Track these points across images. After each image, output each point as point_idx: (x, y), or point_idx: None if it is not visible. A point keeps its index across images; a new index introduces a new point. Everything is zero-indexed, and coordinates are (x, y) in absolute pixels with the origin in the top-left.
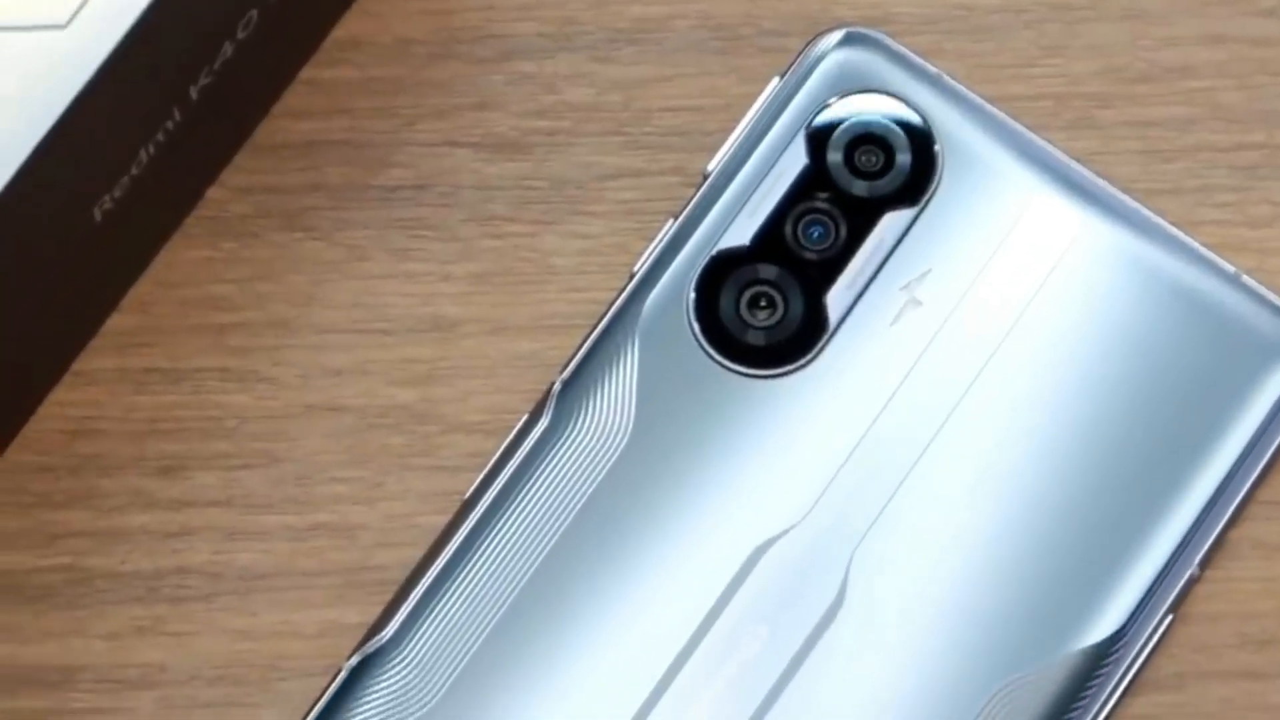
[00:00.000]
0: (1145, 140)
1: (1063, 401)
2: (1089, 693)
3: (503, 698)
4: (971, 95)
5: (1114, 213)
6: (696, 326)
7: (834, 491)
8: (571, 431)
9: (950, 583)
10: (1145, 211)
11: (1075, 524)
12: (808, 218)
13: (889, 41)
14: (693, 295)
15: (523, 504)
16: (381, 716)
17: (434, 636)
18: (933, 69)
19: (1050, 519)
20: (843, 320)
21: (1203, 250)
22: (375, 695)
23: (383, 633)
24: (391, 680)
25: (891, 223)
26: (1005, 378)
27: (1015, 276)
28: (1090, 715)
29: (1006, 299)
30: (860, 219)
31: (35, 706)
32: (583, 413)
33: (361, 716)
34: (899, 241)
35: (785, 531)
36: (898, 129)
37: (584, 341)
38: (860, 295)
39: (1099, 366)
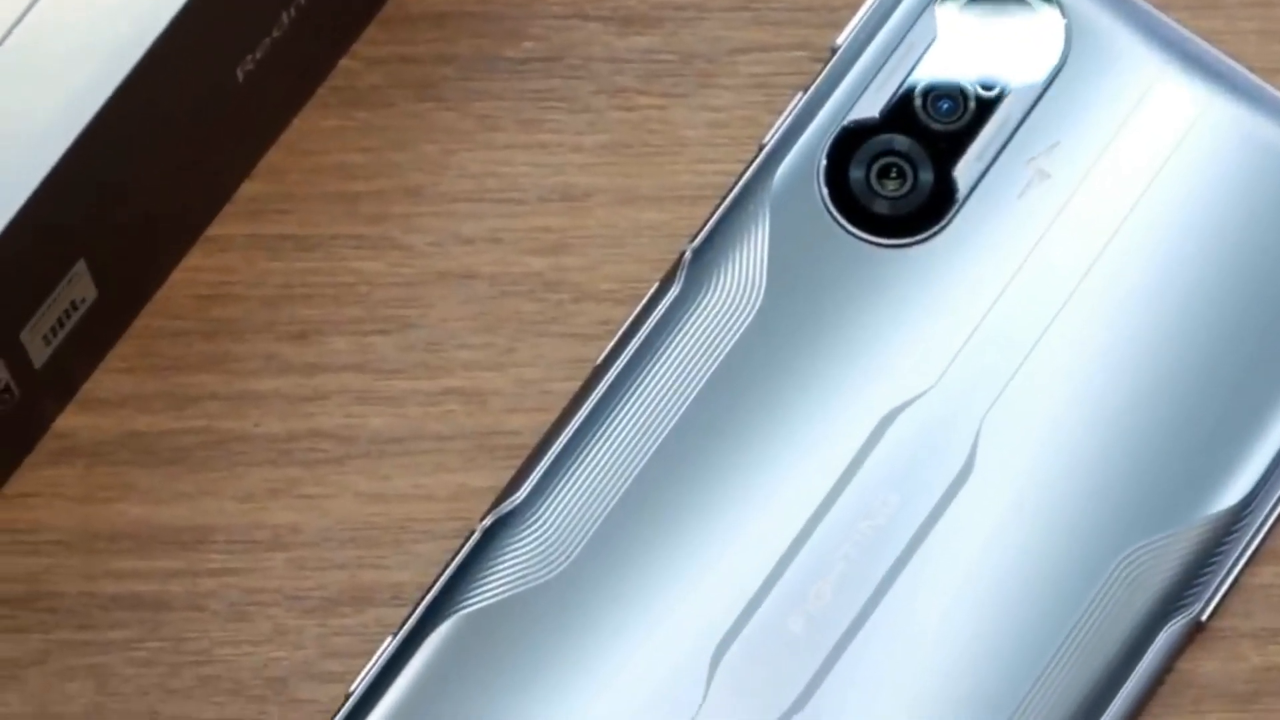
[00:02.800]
0: (1267, 20)
1: (1188, 274)
2: (1214, 561)
3: (635, 561)
4: None
5: (1238, 91)
6: (826, 196)
7: (963, 359)
8: (703, 299)
9: (1077, 450)
10: (1269, 90)
11: (1201, 393)
12: (936, 90)
13: None
14: (823, 164)
15: (654, 370)
16: (514, 577)
17: (566, 500)
18: None
19: (1176, 388)
20: (971, 191)
21: None
22: (508, 556)
23: (515, 495)
24: (524, 542)
25: (1019, 97)
26: (1131, 250)
27: (1140, 152)
28: (1215, 582)
29: (1132, 174)
30: (988, 92)
31: (169, 567)
32: (714, 281)
33: (494, 577)
34: (1026, 115)
35: (915, 398)
36: (1026, 2)
37: (714, 211)
38: (988, 167)
39: (1222, 239)
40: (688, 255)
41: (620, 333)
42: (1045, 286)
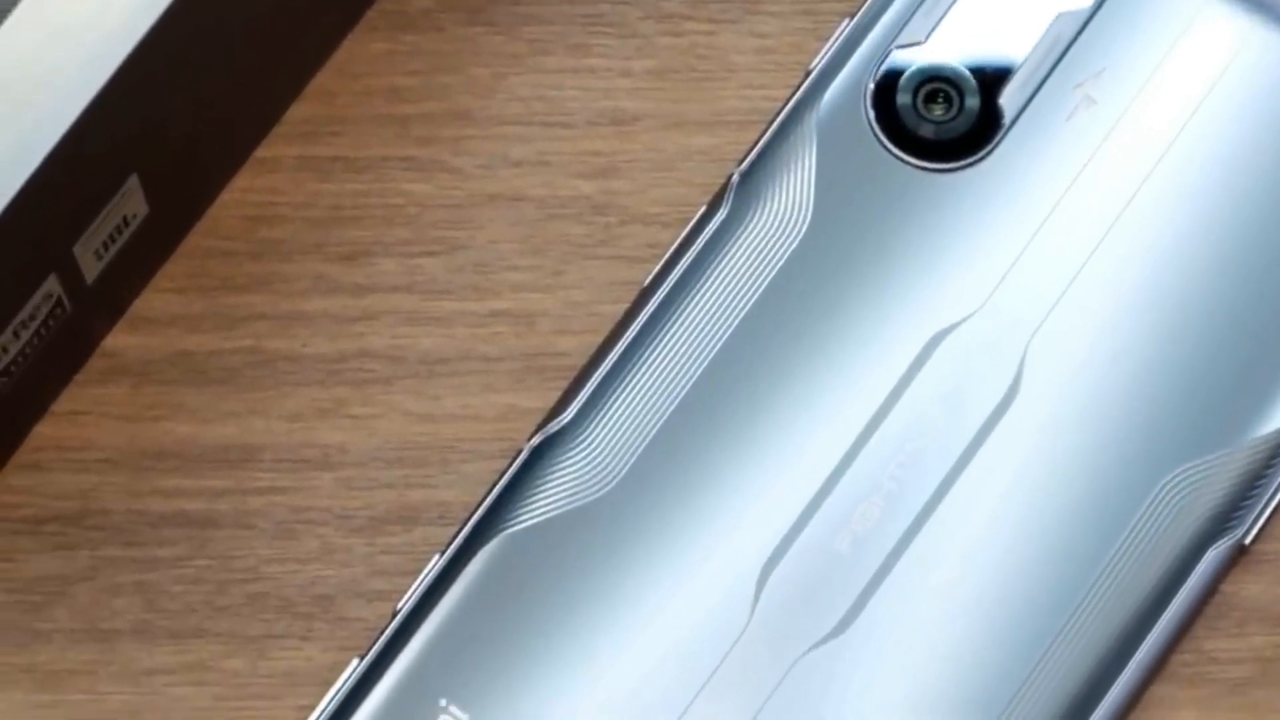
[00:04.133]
0: None
1: (1234, 198)
2: (1260, 484)
3: (681, 481)
4: None
5: None
6: (874, 121)
7: (1009, 283)
8: (750, 222)
9: (1124, 373)
10: None
11: (1248, 316)
12: (983, 15)
13: None
14: (870, 90)
15: (701, 292)
16: (561, 496)
17: (613, 420)
18: None
19: (1222, 311)
20: (1018, 116)
21: None
22: (555, 475)
23: (563, 415)
24: (571, 461)
25: (1066, 22)
26: (1177, 174)
27: (1186, 79)
28: (1259, 505)
29: (1177, 101)
30: (1035, 17)
31: (217, 485)
32: (761, 204)
33: (541, 496)
34: (1073, 41)
35: (962, 321)
36: None
37: (762, 135)
38: (1035, 93)
39: (1267, 164)
40: (735, 179)
41: (667, 255)
42: (1091, 211)
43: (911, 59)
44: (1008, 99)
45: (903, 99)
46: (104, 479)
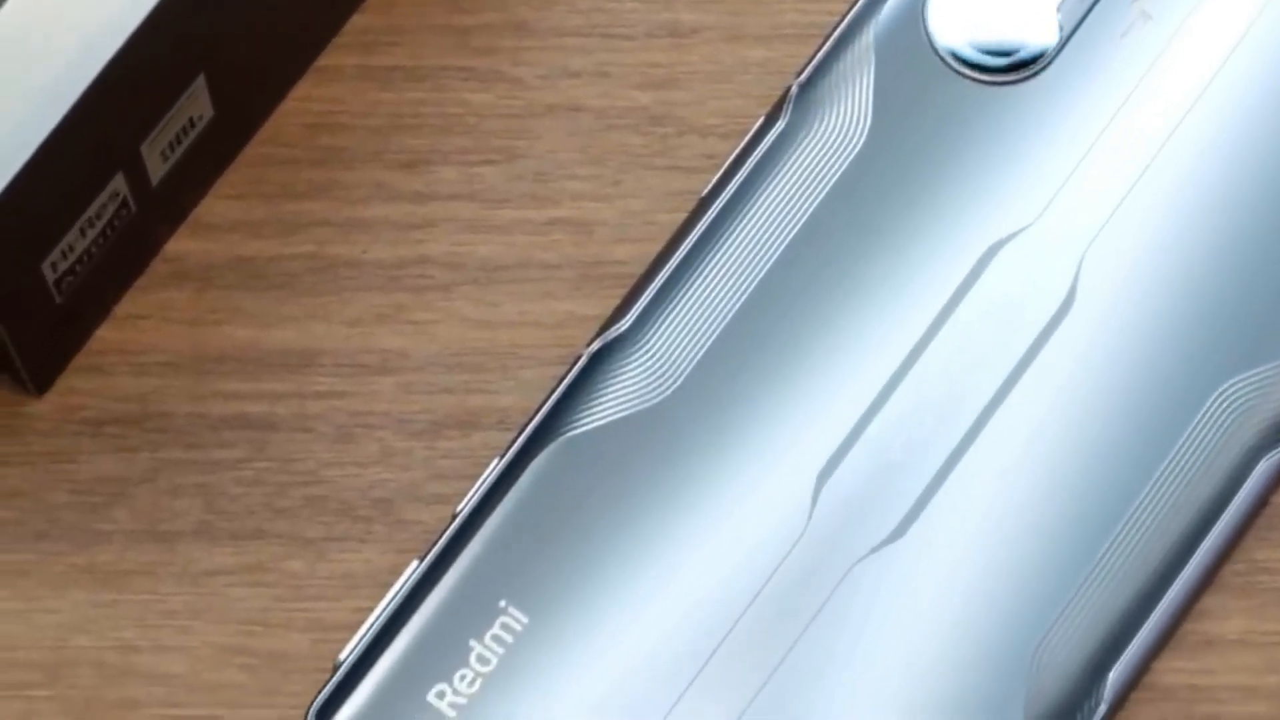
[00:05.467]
0: None
1: None
2: None
3: (740, 387)
4: None
5: None
6: (932, 33)
7: (1065, 195)
8: (808, 133)
9: (1177, 285)
10: None
11: None
12: None
13: None
14: (928, 2)
15: (760, 202)
16: (620, 401)
17: (673, 326)
18: None
19: (1278, 221)
20: (1074, 31)
21: None
22: (614, 381)
23: (622, 322)
24: (631, 367)
25: None
26: (1232, 90)
27: None
28: None
29: (1233, 17)
30: None
31: (277, 389)
32: (819, 116)
33: (600, 401)
34: None
35: (1018, 232)
36: None
37: (820, 47)
38: (1092, 7)
39: None
40: (794, 90)
41: (726, 165)
42: (1146, 125)
43: None
44: (1064, 13)
45: (961, 11)
46: (165, 382)
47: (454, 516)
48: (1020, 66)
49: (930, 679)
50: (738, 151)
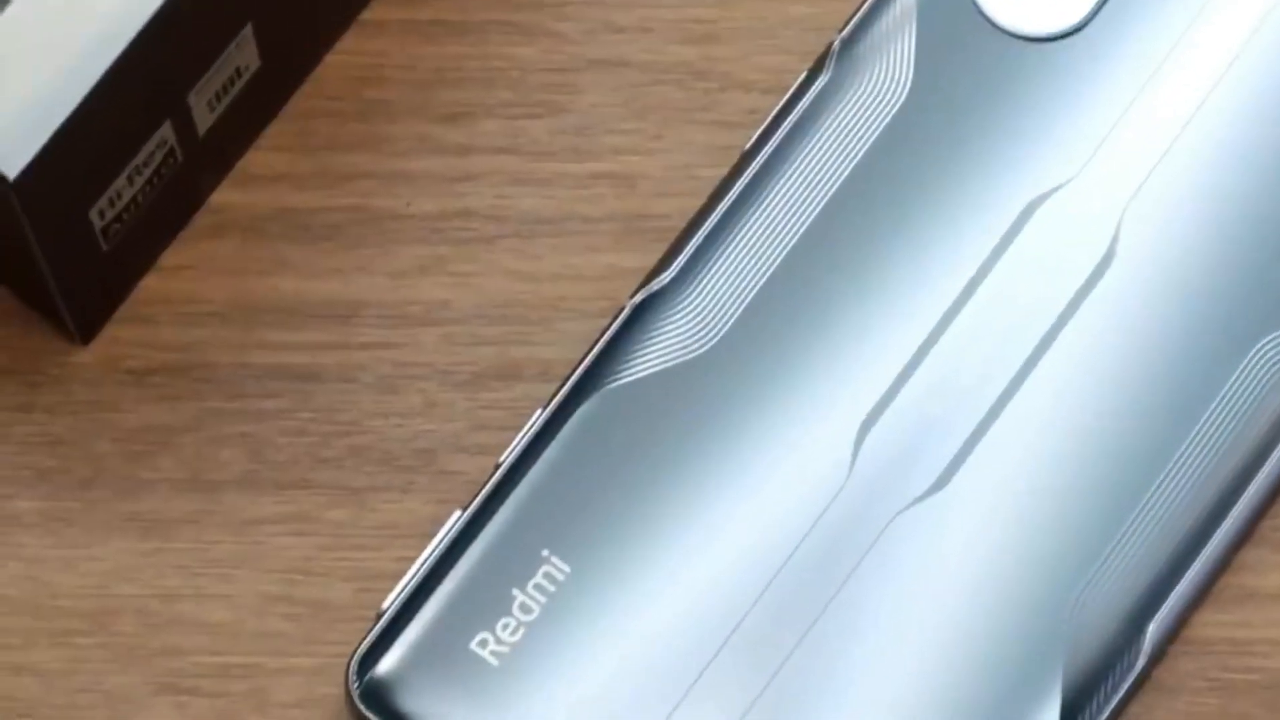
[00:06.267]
0: None
1: None
2: None
3: (782, 339)
4: None
5: None
6: None
7: (1106, 150)
8: (851, 88)
9: (1217, 240)
10: None
11: None
12: None
13: None
14: None
15: (802, 156)
16: (663, 353)
17: (715, 279)
18: None
19: None
20: None
21: None
22: (657, 332)
23: (665, 274)
24: (673, 318)
25: None
26: (1274, 46)
27: None
28: None
29: None
30: None
31: (321, 339)
32: (862, 71)
33: (643, 352)
34: None
35: (1058, 187)
36: None
37: (863, 3)
38: None
39: None
40: (836, 45)
41: (768, 120)
42: (1187, 81)
43: None
44: None
45: None
46: (210, 332)
47: (497, 467)
48: (1062, 22)
49: (969, 630)
50: (780, 106)
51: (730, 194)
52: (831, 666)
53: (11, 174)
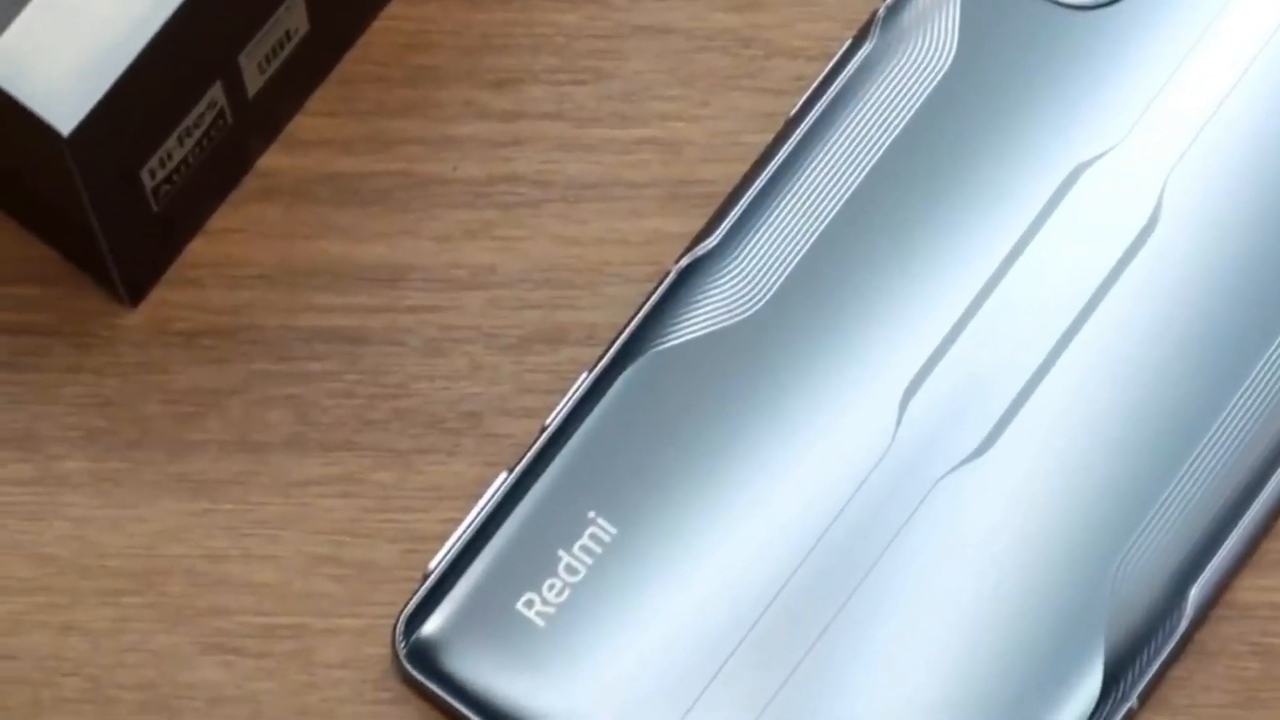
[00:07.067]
0: None
1: None
2: None
3: (827, 303)
4: None
5: None
6: None
7: (1150, 118)
8: (896, 55)
9: (1260, 208)
10: None
11: None
12: None
13: None
14: None
15: (848, 122)
16: (708, 316)
17: (761, 243)
18: None
19: None
20: None
21: None
22: (702, 296)
23: (710, 239)
24: (719, 282)
25: None
26: None
27: None
28: None
29: None
30: None
31: (368, 303)
32: (907, 39)
33: (688, 316)
34: None
35: (1102, 154)
36: None
37: None
38: None
39: None
40: (881, 13)
41: (814, 87)
42: (1231, 49)
43: None
44: None
45: None
46: (257, 295)
47: (543, 429)
48: None
49: (1012, 594)
50: (825, 73)
51: (775, 160)
52: (875, 628)
53: (66, 130)
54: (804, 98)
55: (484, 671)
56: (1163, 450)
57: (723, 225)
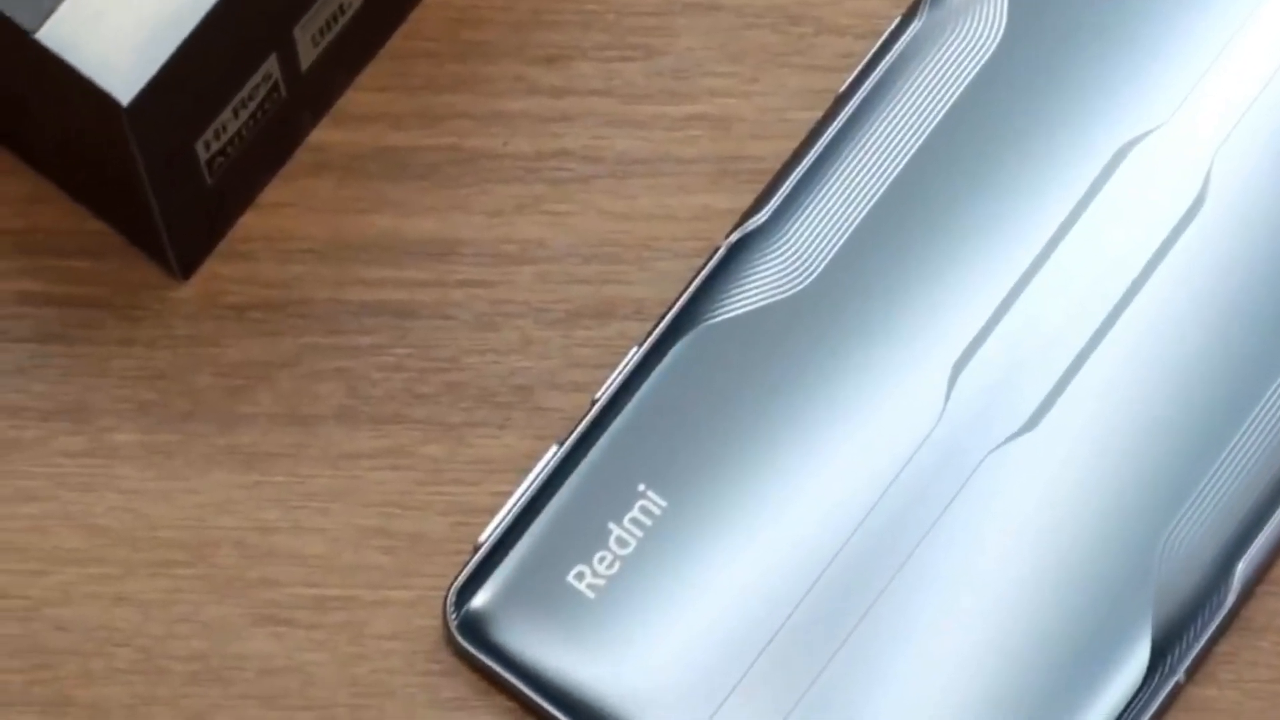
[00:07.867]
0: None
1: None
2: None
3: (877, 278)
4: None
5: None
6: None
7: (1198, 95)
8: (945, 33)
9: None
10: None
11: None
12: None
13: None
14: None
15: (897, 99)
16: (757, 292)
17: (810, 219)
18: None
19: None
20: None
21: None
22: (752, 272)
23: (760, 215)
24: (768, 258)
25: None
26: None
27: None
28: None
29: None
30: None
31: (418, 277)
32: (956, 17)
33: (738, 291)
34: None
35: (1150, 132)
36: None
37: None
38: None
39: None
40: None
41: (863, 63)
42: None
43: None
44: None
45: None
46: (308, 269)
47: (593, 402)
48: None
49: (1061, 569)
50: (874, 51)
51: (825, 137)
52: (923, 601)
53: (125, 99)
54: (853, 75)
55: (535, 643)
56: (1209, 426)
57: (772, 201)
